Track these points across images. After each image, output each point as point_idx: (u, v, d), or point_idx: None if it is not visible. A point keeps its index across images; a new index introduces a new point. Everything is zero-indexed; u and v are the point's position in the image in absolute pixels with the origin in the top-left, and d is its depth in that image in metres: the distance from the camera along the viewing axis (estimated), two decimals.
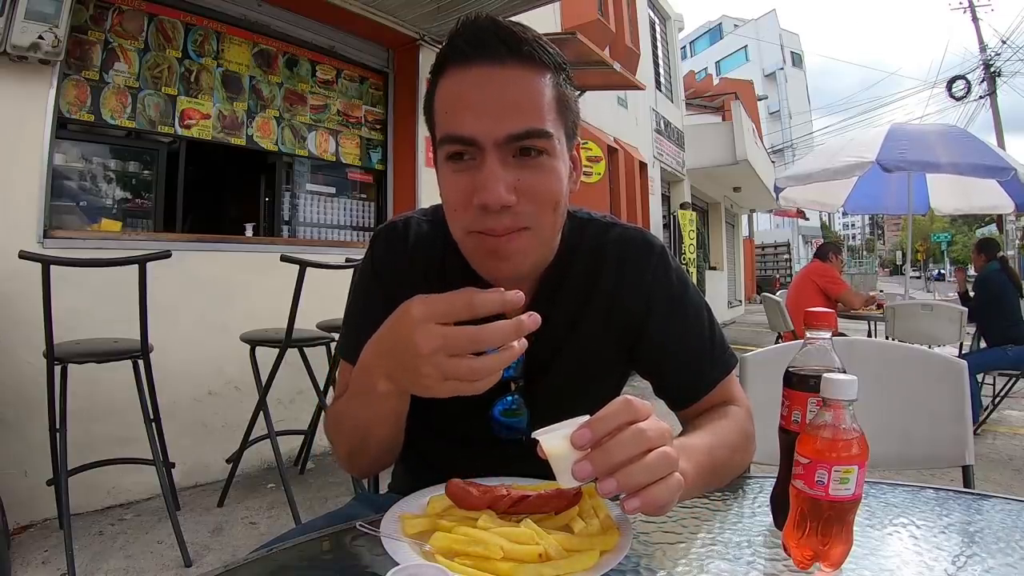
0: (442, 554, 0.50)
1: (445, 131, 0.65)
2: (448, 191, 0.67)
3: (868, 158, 4.02)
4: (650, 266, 0.78)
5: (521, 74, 0.63)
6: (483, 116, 0.62)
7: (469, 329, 0.52)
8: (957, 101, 16.55)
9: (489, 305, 0.53)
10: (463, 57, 0.63)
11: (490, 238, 0.65)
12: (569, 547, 0.51)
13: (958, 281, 4.63)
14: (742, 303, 14.37)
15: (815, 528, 0.49)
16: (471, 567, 0.48)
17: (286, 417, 2.88)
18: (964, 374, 1.03)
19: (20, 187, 2.25)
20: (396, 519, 0.57)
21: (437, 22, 3.81)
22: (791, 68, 37.75)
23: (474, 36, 0.63)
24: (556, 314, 0.75)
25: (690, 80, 14.12)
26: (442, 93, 0.66)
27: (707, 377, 0.77)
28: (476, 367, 0.52)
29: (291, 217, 3.64)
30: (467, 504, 0.56)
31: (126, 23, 2.80)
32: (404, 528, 0.55)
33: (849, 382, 0.48)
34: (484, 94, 0.62)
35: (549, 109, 0.65)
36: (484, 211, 0.63)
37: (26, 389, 2.12)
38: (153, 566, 1.95)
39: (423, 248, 0.78)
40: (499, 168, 0.62)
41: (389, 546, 0.51)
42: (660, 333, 0.77)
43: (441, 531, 0.53)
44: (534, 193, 0.64)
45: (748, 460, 0.75)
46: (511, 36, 0.63)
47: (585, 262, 0.77)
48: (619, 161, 7.21)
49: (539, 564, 0.49)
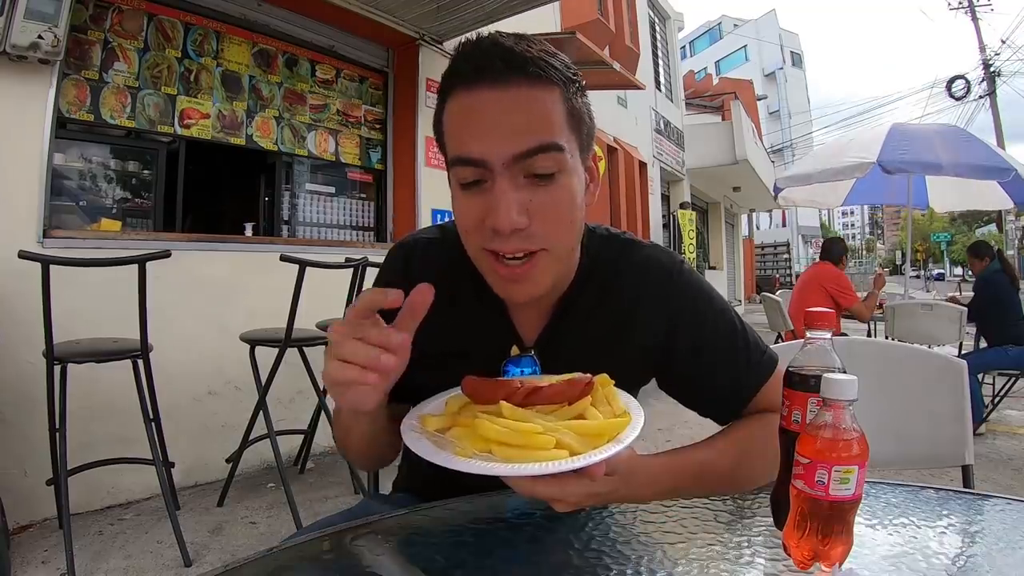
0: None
1: (455, 153, 0.65)
2: (461, 214, 0.67)
3: (869, 159, 4.01)
4: (670, 282, 0.77)
5: (527, 93, 0.62)
6: (490, 137, 0.62)
7: None
8: (957, 101, 16.55)
9: (377, 299, 0.57)
10: (467, 81, 0.63)
11: (504, 266, 0.65)
12: (581, 432, 0.54)
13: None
14: (742, 303, 14.39)
15: (815, 528, 0.49)
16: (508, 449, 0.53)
17: (286, 417, 2.88)
18: (964, 374, 1.03)
19: (20, 187, 2.25)
20: (416, 419, 0.60)
21: (437, 22, 3.82)
22: (791, 68, 37.78)
23: (476, 59, 0.63)
24: (571, 330, 0.75)
25: (690, 80, 14.13)
26: (449, 116, 0.66)
27: (746, 384, 0.75)
28: (355, 350, 0.55)
29: (291, 217, 3.64)
30: (482, 397, 0.58)
31: (126, 23, 2.80)
32: (424, 425, 0.59)
33: (849, 382, 0.48)
34: (490, 115, 0.62)
35: (559, 124, 0.64)
36: (495, 234, 0.63)
37: (26, 389, 2.12)
38: (153, 566, 1.95)
39: (430, 267, 0.77)
40: (510, 190, 0.62)
41: (411, 442, 0.56)
42: (689, 346, 0.76)
43: (460, 427, 0.57)
44: (546, 214, 0.64)
45: (773, 466, 0.66)
46: (514, 56, 0.62)
47: (601, 280, 0.77)
48: (619, 161, 7.22)
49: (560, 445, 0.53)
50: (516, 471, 0.51)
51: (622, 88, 6.25)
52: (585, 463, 0.51)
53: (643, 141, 8.52)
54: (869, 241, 58.37)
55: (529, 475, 0.51)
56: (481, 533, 0.62)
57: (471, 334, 0.75)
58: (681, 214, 9.48)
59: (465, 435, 0.56)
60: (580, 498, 0.55)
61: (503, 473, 0.51)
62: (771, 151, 19.08)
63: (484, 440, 0.53)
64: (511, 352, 0.75)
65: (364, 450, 0.75)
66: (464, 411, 0.60)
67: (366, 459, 0.80)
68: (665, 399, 0.82)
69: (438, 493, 0.69)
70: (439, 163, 4.10)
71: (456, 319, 0.74)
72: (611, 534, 0.59)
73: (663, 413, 3.59)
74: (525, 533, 0.61)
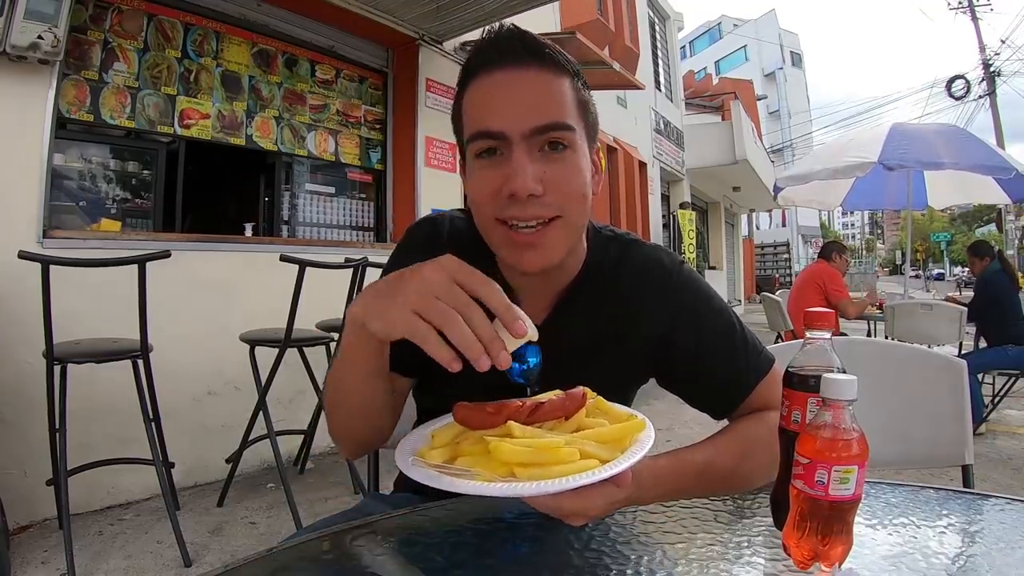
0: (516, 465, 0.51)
1: (474, 128, 0.68)
2: (477, 184, 0.69)
3: (870, 158, 4.01)
4: (670, 283, 0.79)
5: (544, 76, 0.67)
6: (510, 111, 0.66)
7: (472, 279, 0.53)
8: (957, 101, 16.55)
9: (498, 299, 0.53)
10: (489, 63, 0.68)
11: (520, 233, 0.67)
12: (601, 440, 0.54)
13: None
14: (742, 303, 14.38)
15: (815, 528, 0.49)
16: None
17: (286, 417, 2.88)
18: (964, 374, 1.03)
19: (19, 187, 2.25)
20: (412, 458, 0.56)
21: (436, 22, 3.82)
22: (790, 68, 37.76)
23: (499, 43, 0.68)
24: (572, 326, 0.77)
25: (689, 80, 14.13)
26: (470, 97, 0.70)
27: (742, 382, 0.77)
28: (449, 315, 0.51)
29: (290, 217, 3.64)
30: (485, 424, 0.56)
31: (125, 23, 2.80)
32: (427, 461, 0.55)
33: (849, 382, 0.48)
34: (510, 93, 0.66)
35: (571, 107, 0.68)
36: (512, 200, 0.65)
37: (26, 389, 2.12)
38: (153, 566, 1.95)
39: (459, 243, 0.78)
40: (527, 159, 0.65)
41: (424, 478, 0.51)
42: (688, 345, 0.77)
43: (466, 455, 0.54)
44: (560, 185, 0.67)
45: (773, 465, 0.67)
46: (533, 43, 0.68)
47: (604, 276, 0.79)
48: (619, 161, 7.22)
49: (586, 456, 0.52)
50: (556, 486, 0.48)
51: (622, 88, 6.25)
52: (619, 469, 0.50)
53: (643, 141, 8.52)
54: (869, 241, 58.38)
55: (568, 488, 0.48)
56: (481, 533, 0.62)
57: None
58: (681, 214, 9.48)
59: (477, 462, 0.53)
60: (602, 508, 0.54)
61: (545, 491, 0.48)
62: (771, 151, 19.08)
63: (504, 464, 0.50)
64: None
65: (351, 413, 0.72)
66: (463, 438, 0.57)
67: (348, 430, 0.75)
68: (665, 399, 0.82)
69: (440, 494, 0.69)
70: (439, 163, 4.12)
71: None
72: (611, 534, 0.59)
73: (663, 413, 3.60)
74: (525, 533, 0.61)
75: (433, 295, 0.52)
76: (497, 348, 0.51)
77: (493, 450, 0.51)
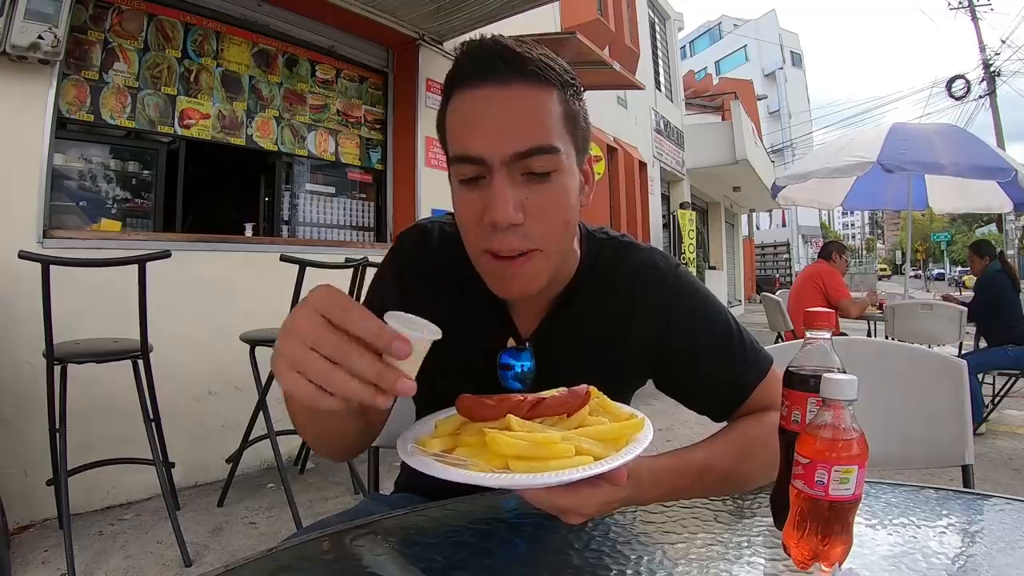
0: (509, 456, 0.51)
1: (455, 151, 0.67)
2: (461, 210, 0.69)
3: (869, 158, 4.01)
4: (665, 285, 0.78)
5: (526, 93, 0.65)
6: (489, 135, 0.64)
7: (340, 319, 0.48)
8: (957, 101, 16.55)
9: (363, 327, 0.47)
10: (469, 79, 0.65)
11: (500, 262, 0.67)
12: (598, 438, 0.54)
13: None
14: (742, 303, 14.39)
15: (815, 528, 0.49)
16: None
17: (286, 417, 2.85)
18: (964, 374, 1.03)
19: (20, 187, 2.25)
20: (413, 442, 0.57)
21: (437, 22, 3.82)
22: (791, 68, 37.75)
23: (479, 58, 0.65)
24: (566, 331, 0.77)
25: (690, 80, 14.14)
26: (451, 115, 0.68)
27: (741, 385, 0.76)
28: (322, 369, 0.46)
29: (291, 217, 3.64)
30: (486, 415, 0.57)
31: (125, 23, 2.80)
32: (425, 448, 0.55)
33: (849, 382, 0.48)
34: (490, 114, 0.64)
35: (556, 125, 0.66)
36: (493, 229, 0.64)
37: (26, 389, 2.12)
38: (153, 566, 1.95)
39: (449, 249, 0.78)
40: (507, 186, 0.64)
41: (421, 465, 0.52)
42: (685, 348, 0.77)
43: (465, 446, 0.55)
44: (541, 213, 0.66)
45: (772, 465, 0.66)
46: (515, 57, 0.65)
47: (599, 280, 0.78)
48: (619, 161, 7.22)
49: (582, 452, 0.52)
50: (546, 480, 0.48)
51: (622, 88, 6.26)
52: (612, 465, 0.50)
53: (643, 141, 8.52)
54: (869, 241, 58.34)
55: (560, 483, 0.49)
56: (481, 533, 0.62)
57: (471, 324, 0.76)
58: (681, 214, 9.48)
59: (475, 453, 0.53)
60: (598, 507, 0.54)
61: (534, 484, 0.49)
62: (771, 151, 19.07)
63: (500, 456, 0.51)
64: (507, 345, 0.77)
65: (325, 437, 0.69)
66: (464, 429, 0.58)
67: (327, 447, 0.73)
68: (665, 399, 0.82)
69: (440, 494, 0.69)
70: (439, 163, 4.12)
71: (460, 307, 0.76)
72: (611, 534, 0.59)
73: (663, 413, 3.60)
74: (525, 533, 0.61)
75: (307, 347, 0.47)
76: (389, 381, 0.47)
77: (489, 441, 0.52)
